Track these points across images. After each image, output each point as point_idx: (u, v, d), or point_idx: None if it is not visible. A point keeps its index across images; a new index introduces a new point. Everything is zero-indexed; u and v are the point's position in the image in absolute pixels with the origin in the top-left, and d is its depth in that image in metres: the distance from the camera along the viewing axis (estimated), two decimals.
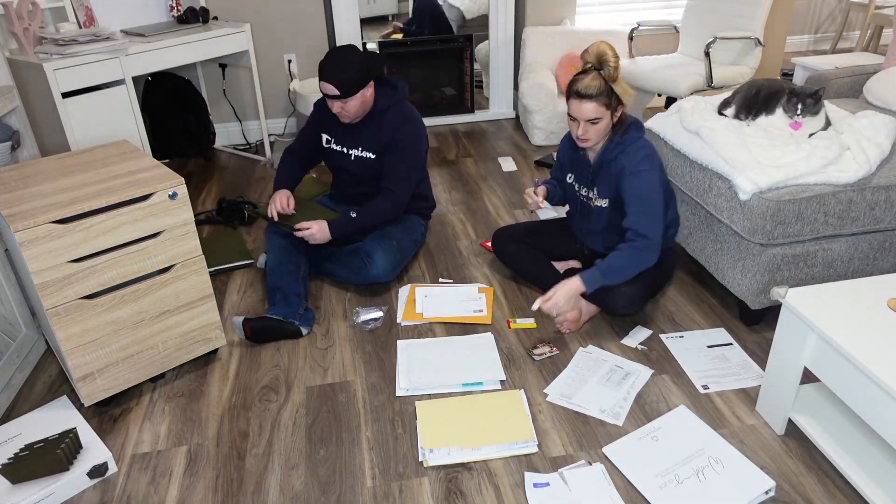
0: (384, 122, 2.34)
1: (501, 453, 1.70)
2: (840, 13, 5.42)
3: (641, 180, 1.99)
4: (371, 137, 2.37)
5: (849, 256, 2.04)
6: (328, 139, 2.47)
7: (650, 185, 2.00)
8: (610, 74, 1.95)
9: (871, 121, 2.12)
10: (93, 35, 2.69)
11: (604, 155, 2.07)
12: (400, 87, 2.39)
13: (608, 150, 2.06)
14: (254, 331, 2.11)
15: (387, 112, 2.35)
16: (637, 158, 2.01)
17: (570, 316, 2.14)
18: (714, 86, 3.30)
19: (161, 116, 3.63)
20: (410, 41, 4.14)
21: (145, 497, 1.63)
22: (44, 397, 1.98)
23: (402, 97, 2.39)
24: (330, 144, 2.47)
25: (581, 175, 2.20)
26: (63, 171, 1.87)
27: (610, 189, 2.09)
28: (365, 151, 2.39)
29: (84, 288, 1.71)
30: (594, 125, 1.99)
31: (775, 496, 1.56)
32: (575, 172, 2.24)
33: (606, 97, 1.95)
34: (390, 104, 2.35)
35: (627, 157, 2.02)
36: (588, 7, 4.31)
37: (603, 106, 1.96)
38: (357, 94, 2.23)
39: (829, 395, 1.73)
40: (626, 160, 2.02)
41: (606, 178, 2.09)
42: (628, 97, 1.99)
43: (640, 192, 2.00)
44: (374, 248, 2.34)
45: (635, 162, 2.00)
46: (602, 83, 1.94)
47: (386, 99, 2.35)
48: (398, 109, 2.36)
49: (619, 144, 2.04)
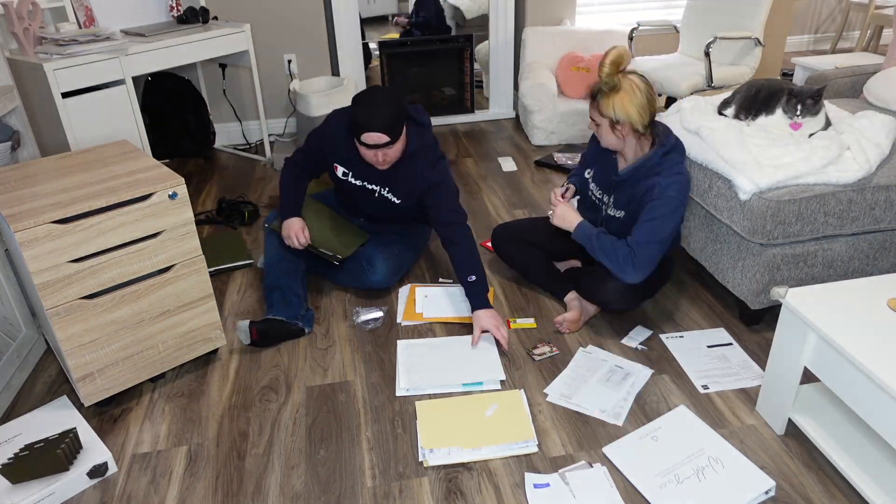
0: (416, 169, 2.21)
1: (501, 453, 1.70)
2: (840, 13, 5.43)
3: (667, 206, 1.88)
4: (401, 184, 2.24)
5: (849, 256, 2.04)
6: (346, 172, 2.30)
7: (672, 214, 1.89)
8: (602, 82, 1.87)
9: (871, 121, 2.12)
10: (93, 35, 2.69)
11: (635, 172, 1.95)
12: (425, 122, 2.25)
13: (644, 167, 1.93)
14: (260, 333, 2.10)
15: (417, 156, 2.21)
16: (673, 187, 1.89)
17: (569, 316, 2.14)
18: (714, 86, 3.30)
19: (161, 116, 3.63)
20: (410, 41, 4.14)
21: (145, 497, 1.63)
22: (44, 397, 1.98)
23: (430, 133, 2.26)
24: (348, 178, 2.31)
25: (602, 177, 2.11)
26: (63, 171, 1.87)
27: (630, 203, 1.99)
28: (391, 194, 2.28)
29: (84, 288, 1.71)
30: (597, 127, 1.95)
31: (775, 496, 1.56)
32: (596, 171, 2.15)
33: (597, 104, 1.90)
34: (420, 146, 2.21)
35: (667, 181, 1.89)
36: (588, 7, 4.31)
37: (595, 110, 1.92)
38: (401, 137, 2.10)
39: (829, 395, 1.73)
40: (664, 184, 1.89)
41: (629, 191, 1.98)
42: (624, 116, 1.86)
43: (660, 216, 1.88)
44: (375, 254, 2.34)
45: (666, 185, 1.88)
46: (595, 88, 1.90)
47: (416, 139, 2.20)
48: (428, 155, 2.23)
49: (657, 165, 1.91)
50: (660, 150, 1.92)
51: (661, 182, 1.89)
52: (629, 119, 1.87)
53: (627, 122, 1.88)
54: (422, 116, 2.24)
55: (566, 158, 3.52)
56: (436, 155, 2.27)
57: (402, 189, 2.26)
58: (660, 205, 1.88)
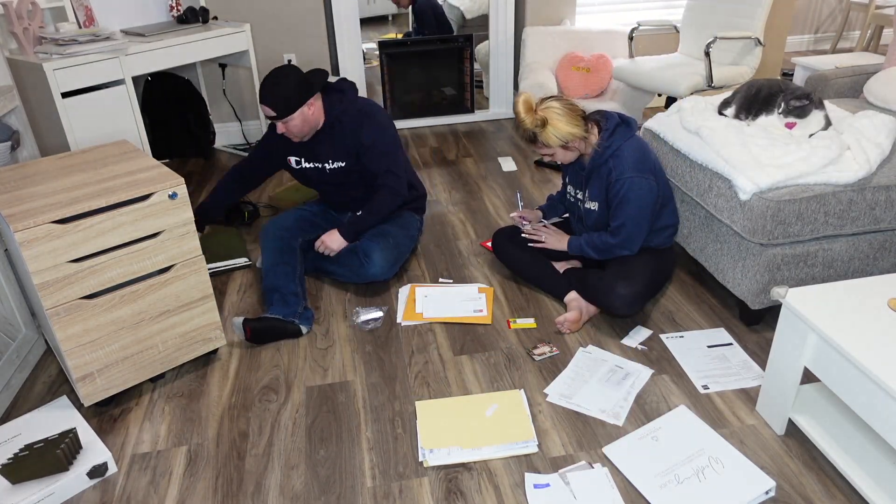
0: (342, 129, 2.34)
1: (501, 453, 1.70)
2: (840, 13, 5.43)
3: (627, 186, 2.03)
4: (334, 148, 2.36)
5: (849, 256, 2.04)
6: (297, 160, 2.44)
7: (639, 191, 2.03)
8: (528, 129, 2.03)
9: (871, 121, 2.12)
10: (93, 35, 2.69)
11: (594, 160, 2.11)
12: (347, 89, 2.37)
13: (598, 155, 2.10)
14: (254, 331, 2.11)
15: (341, 117, 2.33)
16: (626, 164, 2.04)
17: (570, 316, 2.14)
18: (714, 86, 3.30)
19: (161, 116, 3.63)
20: (410, 41, 4.14)
21: (145, 497, 1.63)
22: (44, 397, 1.98)
23: (352, 98, 2.37)
24: (301, 164, 2.44)
25: (575, 178, 2.24)
26: (63, 171, 1.87)
27: (601, 192, 2.12)
28: (335, 162, 2.38)
29: (84, 288, 1.71)
30: (552, 156, 2.11)
31: (775, 496, 1.56)
32: (570, 176, 2.28)
33: (541, 142, 2.06)
34: (343, 109, 2.34)
35: (616, 160, 2.05)
36: (588, 7, 4.31)
37: (543, 146, 2.08)
38: (295, 114, 2.22)
39: (829, 395, 1.73)
40: (615, 164, 2.05)
41: (597, 181, 2.13)
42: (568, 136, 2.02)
43: (625, 198, 2.04)
44: (371, 247, 2.35)
45: (622, 168, 2.04)
46: (529, 133, 2.05)
47: (336, 106, 2.33)
48: (351, 112, 2.34)
49: (607, 149, 2.07)
50: (605, 134, 2.09)
51: (614, 166, 2.05)
52: (571, 135, 2.03)
53: (573, 138, 2.04)
54: (345, 84, 2.39)
55: None
56: (362, 112, 2.35)
57: (337, 152, 2.37)
58: (622, 190, 2.04)
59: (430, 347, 2.13)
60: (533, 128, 2.02)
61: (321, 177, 2.44)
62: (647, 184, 2.03)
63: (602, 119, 2.11)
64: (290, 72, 2.21)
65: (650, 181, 2.03)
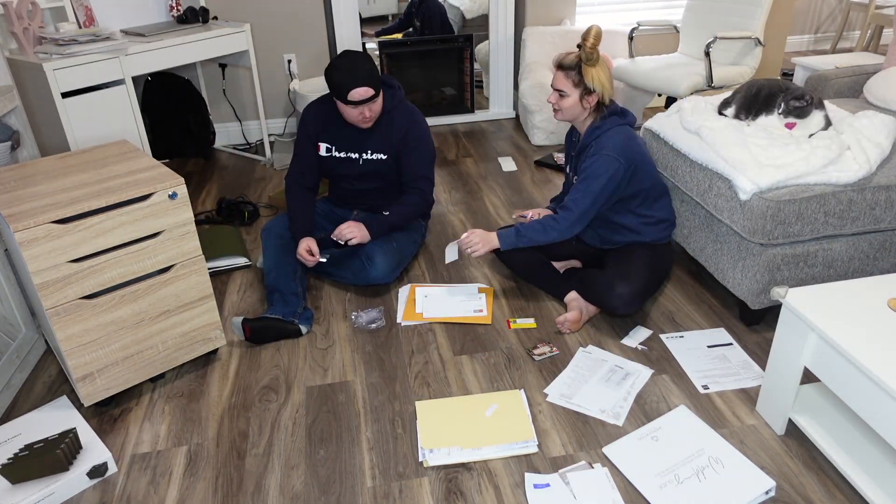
0: (392, 122, 2.35)
1: (501, 453, 1.70)
2: (840, 13, 5.43)
3: (597, 162, 2.04)
4: (381, 138, 2.36)
5: (849, 256, 2.04)
6: (328, 147, 2.42)
7: (604, 171, 2.03)
8: (584, 54, 2.00)
9: (871, 121, 2.12)
10: (93, 35, 2.69)
11: (586, 138, 2.13)
12: (397, 86, 2.41)
13: (589, 133, 2.12)
14: (253, 331, 2.11)
15: (393, 112, 2.36)
16: (605, 143, 2.05)
17: (570, 316, 2.14)
18: (714, 86, 3.30)
19: (161, 116, 3.63)
20: (410, 41, 4.14)
21: (145, 497, 1.63)
22: (44, 397, 1.98)
23: (401, 96, 2.40)
24: (331, 152, 2.42)
25: (571, 159, 2.27)
26: (63, 171, 1.87)
27: None
28: (375, 153, 2.38)
29: (84, 288, 1.71)
30: (562, 97, 2.09)
31: (775, 496, 1.56)
32: (567, 154, 2.31)
33: (576, 74, 2.03)
34: (395, 104, 2.37)
35: (600, 140, 2.08)
36: (588, 7, 4.31)
37: (570, 81, 2.05)
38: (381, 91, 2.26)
39: (829, 395, 1.73)
40: (597, 142, 2.08)
41: (586, 158, 2.13)
42: (601, 87, 2.03)
43: (590, 172, 2.05)
44: (374, 250, 2.34)
45: (600, 145, 2.06)
46: (575, 59, 2.03)
47: (390, 99, 2.37)
48: (403, 109, 2.38)
49: (597, 129, 2.10)
50: (605, 114, 2.11)
51: (596, 143, 2.07)
52: (603, 89, 2.05)
53: (600, 93, 2.05)
54: (393, 81, 2.40)
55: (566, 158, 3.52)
56: (413, 112, 2.39)
57: (382, 142, 2.37)
58: (591, 163, 2.05)
59: (430, 347, 2.13)
60: (588, 55, 2.00)
61: (348, 168, 2.42)
62: (615, 164, 2.03)
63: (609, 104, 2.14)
64: (363, 54, 2.22)
65: (620, 164, 2.03)
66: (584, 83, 2.04)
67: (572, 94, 2.06)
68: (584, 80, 2.03)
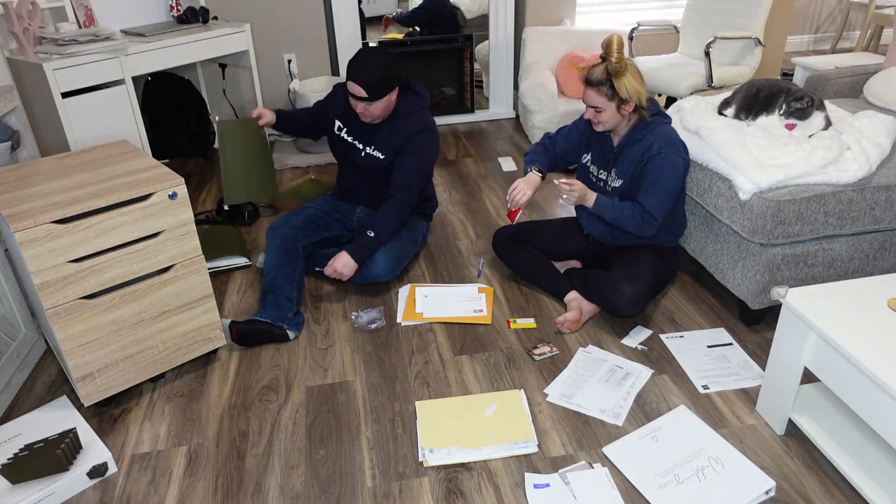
0: (402, 127, 2.34)
1: (501, 453, 1.70)
2: (840, 13, 5.43)
3: (667, 162, 2.00)
4: (385, 139, 2.37)
5: (849, 256, 2.04)
6: (340, 126, 2.46)
7: (674, 170, 2.01)
8: (611, 67, 1.96)
9: (871, 121, 2.12)
10: (93, 35, 2.69)
11: (630, 137, 2.08)
12: (425, 96, 2.40)
13: (635, 131, 2.07)
14: (240, 333, 2.11)
15: (407, 118, 2.34)
16: (667, 140, 2.02)
17: (570, 316, 2.14)
18: (714, 86, 3.30)
19: (161, 116, 3.63)
20: (410, 41, 4.14)
21: (145, 497, 1.63)
22: (44, 397, 1.98)
23: (425, 105, 2.39)
24: (341, 133, 2.46)
25: (601, 156, 2.20)
26: (63, 171, 1.87)
27: (629, 169, 2.09)
28: (376, 151, 2.39)
29: (84, 288, 1.71)
30: (598, 112, 2.04)
31: (775, 496, 1.56)
32: (594, 153, 2.23)
33: (608, 88, 1.98)
34: (413, 111, 2.35)
35: (656, 136, 2.03)
36: (588, 7, 4.31)
37: (604, 96, 2.00)
38: (383, 98, 2.24)
39: (829, 395, 1.73)
40: (655, 139, 2.03)
41: (628, 157, 2.09)
42: (635, 94, 1.98)
43: (661, 173, 2.01)
44: None
45: (664, 143, 2.02)
46: (603, 74, 1.98)
47: (410, 105, 2.36)
48: (418, 118, 2.35)
49: (645, 128, 2.06)
50: (648, 114, 2.07)
51: (655, 140, 2.02)
52: (638, 96, 2.00)
53: (636, 99, 2.00)
54: (423, 91, 2.40)
55: None
56: (426, 124, 2.36)
57: (385, 143, 2.37)
58: (661, 163, 2.00)
59: (430, 347, 2.13)
60: (616, 68, 1.95)
61: (352, 154, 2.45)
62: (682, 161, 2.02)
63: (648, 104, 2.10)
64: (384, 57, 2.21)
65: (685, 159, 2.03)
66: (617, 95, 1.99)
67: (608, 107, 2.02)
68: (618, 91, 1.98)
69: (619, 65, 1.95)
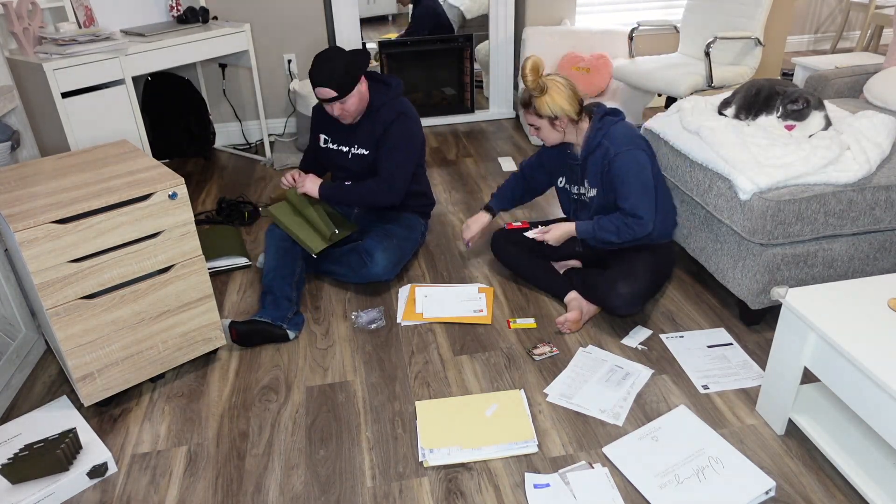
0: (378, 118, 2.37)
1: (501, 453, 1.70)
2: (840, 13, 5.43)
3: (626, 160, 2.04)
4: (366, 134, 2.39)
5: (849, 256, 2.04)
6: (325, 139, 2.50)
7: (636, 164, 2.04)
8: (528, 89, 2.06)
9: (871, 121, 2.12)
10: (93, 35, 2.69)
11: (588, 145, 2.13)
12: (394, 85, 2.42)
13: (590, 140, 2.12)
14: (240, 333, 2.11)
15: (379, 110, 2.37)
16: (620, 140, 2.06)
17: (570, 316, 2.14)
18: (714, 86, 3.30)
19: (161, 116, 3.63)
20: (410, 41, 4.14)
21: (145, 497, 1.63)
22: (44, 397, 1.98)
23: (396, 94, 2.41)
24: (328, 144, 2.49)
25: (572, 173, 2.24)
26: (63, 171, 1.87)
27: (598, 177, 2.13)
28: (361, 148, 2.41)
29: (84, 288, 1.71)
30: (537, 130, 2.14)
31: (775, 496, 1.56)
32: (566, 173, 2.28)
33: (533, 108, 2.08)
34: (385, 101, 2.38)
35: (610, 139, 2.08)
36: (588, 7, 4.31)
37: (534, 115, 2.10)
38: (353, 92, 2.26)
39: (829, 395, 1.73)
40: (610, 142, 2.08)
41: (593, 166, 2.13)
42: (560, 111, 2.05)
43: (626, 172, 2.05)
44: (374, 246, 2.35)
45: (618, 143, 2.06)
46: (527, 96, 2.09)
47: (380, 96, 2.38)
48: (392, 105, 2.38)
49: (598, 130, 2.11)
50: (595, 119, 2.13)
51: (610, 145, 2.07)
52: (564, 112, 2.07)
53: (564, 115, 2.07)
54: (391, 80, 2.43)
55: None
56: (401, 111, 2.37)
57: (366, 138, 2.39)
58: (622, 163, 2.05)
59: (430, 347, 2.13)
60: (533, 90, 2.05)
61: (341, 161, 2.47)
62: (641, 156, 2.05)
63: (594, 108, 2.16)
64: (338, 53, 2.24)
65: (643, 154, 2.06)
66: (545, 114, 2.07)
67: (541, 124, 2.11)
68: (540, 111, 2.07)
69: (534, 86, 2.04)
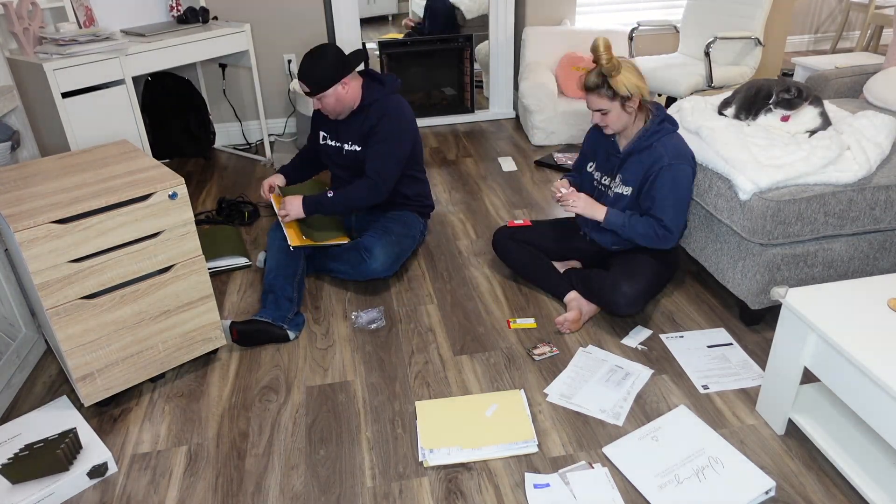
0: (368, 115, 2.39)
1: (501, 453, 1.70)
2: (840, 13, 5.43)
3: (677, 173, 2.01)
4: (356, 131, 2.42)
5: (849, 256, 2.04)
6: (324, 135, 2.53)
7: (686, 181, 2.02)
8: (604, 68, 1.97)
9: (871, 121, 2.12)
10: (93, 35, 2.69)
11: (637, 143, 2.07)
12: (389, 83, 2.42)
13: (642, 138, 2.07)
14: (241, 333, 2.11)
15: (370, 107, 2.39)
16: (676, 152, 2.02)
17: (570, 316, 2.14)
18: (714, 86, 3.30)
19: (161, 116, 3.63)
20: (410, 41, 4.14)
21: (145, 497, 1.63)
22: (44, 397, 1.98)
23: (389, 91, 2.41)
24: (325, 140, 2.52)
25: (606, 162, 2.20)
26: (63, 171, 1.87)
27: (637, 177, 2.09)
28: (353, 145, 2.43)
29: (84, 288, 1.71)
30: (604, 115, 2.06)
31: (775, 496, 1.56)
32: (598, 160, 2.24)
33: (607, 89, 2.00)
34: (376, 98, 2.39)
35: (665, 147, 2.03)
36: (588, 7, 4.31)
37: (605, 98, 2.02)
38: (329, 92, 2.28)
39: (829, 395, 1.73)
40: (664, 150, 2.03)
41: (636, 165, 2.08)
42: (636, 89, 1.99)
43: (674, 186, 2.01)
44: (373, 243, 2.35)
45: (673, 154, 2.02)
46: (599, 77, 2.00)
47: (373, 94, 2.39)
48: (382, 103, 2.39)
49: (655, 133, 2.06)
50: (655, 119, 2.07)
51: (665, 153, 2.02)
52: (640, 90, 2.00)
53: (638, 94, 2.01)
54: (386, 78, 2.43)
55: (566, 158, 3.52)
56: (390, 107, 2.38)
57: (357, 134, 2.42)
58: (673, 176, 2.00)
59: (430, 347, 2.13)
60: (608, 68, 1.96)
61: (337, 157, 2.50)
62: (692, 171, 2.04)
63: (653, 108, 2.10)
64: (329, 50, 2.26)
65: (692, 171, 2.04)
66: (618, 94, 2.00)
67: (612, 107, 2.03)
68: (617, 91, 1.99)
69: (609, 64, 1.96)
